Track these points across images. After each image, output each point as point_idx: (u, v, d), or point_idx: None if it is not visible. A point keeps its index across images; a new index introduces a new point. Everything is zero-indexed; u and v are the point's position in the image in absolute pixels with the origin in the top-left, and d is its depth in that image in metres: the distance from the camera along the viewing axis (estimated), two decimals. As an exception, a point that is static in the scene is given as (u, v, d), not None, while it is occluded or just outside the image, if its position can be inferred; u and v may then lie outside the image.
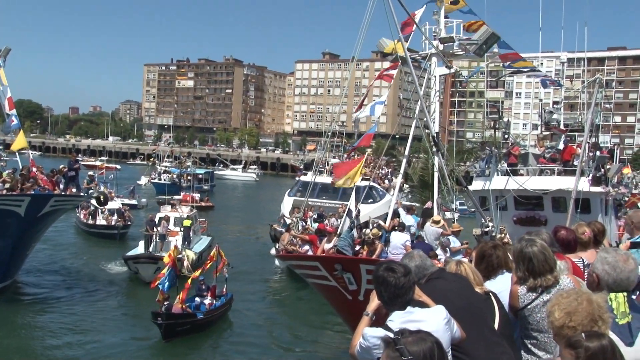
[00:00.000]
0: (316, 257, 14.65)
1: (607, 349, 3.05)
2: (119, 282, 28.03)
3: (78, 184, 26.02)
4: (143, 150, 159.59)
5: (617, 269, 4.02)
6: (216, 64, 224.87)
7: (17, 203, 21.86)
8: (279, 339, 21.84)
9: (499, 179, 23.50)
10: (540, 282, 4.41)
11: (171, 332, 19.68)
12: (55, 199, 23.43)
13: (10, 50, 28.06)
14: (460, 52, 18.95)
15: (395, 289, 3.66)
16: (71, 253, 34.54)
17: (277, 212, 44.06)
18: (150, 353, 19.64)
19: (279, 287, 30.25)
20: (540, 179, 23.12)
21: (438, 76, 18.77)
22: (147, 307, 21.22)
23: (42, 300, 24.46)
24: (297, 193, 36.70)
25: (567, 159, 23.69)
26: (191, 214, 34.32)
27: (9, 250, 23.42)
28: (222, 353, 20.34)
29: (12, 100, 24.93)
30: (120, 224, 39.13)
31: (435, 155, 17.05)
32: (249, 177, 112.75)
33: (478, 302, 4.29)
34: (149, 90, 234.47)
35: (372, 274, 3.83)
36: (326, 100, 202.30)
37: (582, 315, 3.33)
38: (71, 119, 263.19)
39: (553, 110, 27.80)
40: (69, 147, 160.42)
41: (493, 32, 17.65)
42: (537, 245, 4.52)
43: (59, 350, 19.23)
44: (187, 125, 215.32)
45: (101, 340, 20.17)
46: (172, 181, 70.55)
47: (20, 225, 22.61)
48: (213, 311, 21.70)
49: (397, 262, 4.03)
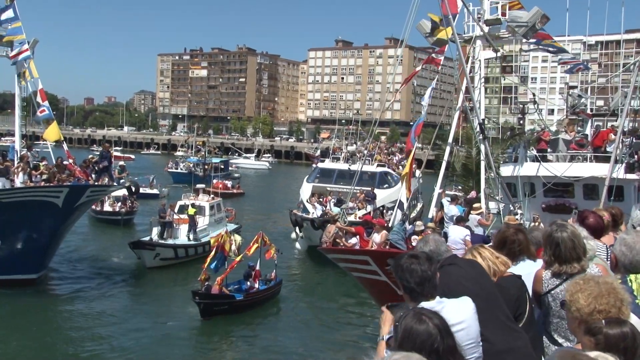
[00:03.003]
0: (367, 252, 14.01)
1: (627, 336, 2.97)
2: (138, 267, 28.83)
3: (111, 173, 26.32)
4: (158, 140, 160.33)
5: (634, 250, 3.97)
6: (229, 53, 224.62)
7: (56, 194, 22.14)
8: (311, 322, 22.50)
9: (529, 165, 23.20)
10: (565, 269, 4.34)
11: (209, 311, 20.82)
12: (92, 189, 23.72)
13: (38, 42, 28.30)
14: (506, 34, 18.30)
15: (422, 273, 3.55)
16: (85, 240, 35.27)
17: (291, 200, 45.19)
18: (190, 327, 20.84)
19: (302, 271, 31.00)
20: (571, 165, 22.58)
21: (483, 60, 18.18)
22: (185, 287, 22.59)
23: (75, 290, 24.82)
24: (316, 179, 37.78)
25: (599, 144, 23.27)
26: (213, 202, 34.64)
27: (47, 240, 23.78)
28: (256, 333, 21.00)
29: (44, 92, 25.14)
30: (123, 211, 40.06)
31: (482, 143, 16.38)
32: (262, 165, 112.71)
33: (492, 288, 4.20)
34: (163, 80, 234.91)
35: (392, 266, 3.70)
36: (340, 87, 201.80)
37: (611, 297, 3.25)
38: (86, 110, 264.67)
39: (581, 94, 27.43)
40: (84, 138, 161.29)
41: (544, 14, 17.09)
42: (568, 231, 4.44)
43: (109, 339, 19.57)
44: (202, 114, 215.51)
45: (142, 322, 21.22)
46: (189, 170, 70.72)
47: (58, 216, 22.94)
48: (253, 294, 22.54)
49: (418, 250, 3.96)
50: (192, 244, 30.58)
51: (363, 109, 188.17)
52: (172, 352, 18.75)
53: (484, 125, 16.37)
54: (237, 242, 22.18)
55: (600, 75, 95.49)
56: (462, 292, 3.79)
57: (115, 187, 28.21)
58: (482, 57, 18.20)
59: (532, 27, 17.28)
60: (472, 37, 18.09)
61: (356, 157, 41.90)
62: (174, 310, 22.63)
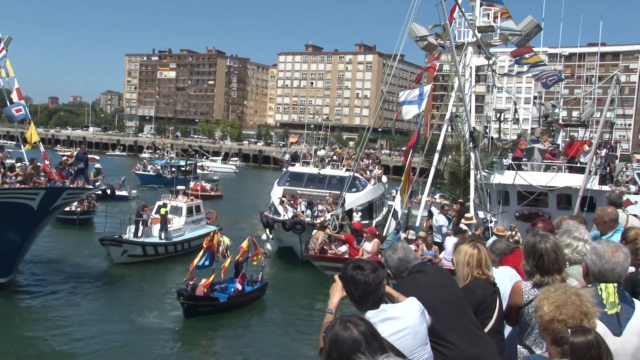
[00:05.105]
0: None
1: (592, 345, 3.02)
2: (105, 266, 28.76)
3: (87, 176, 25.90)
4: (124, 142, 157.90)
5: (603, 259, 3.96)
6: (198, 55, 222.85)
7: (32, 197, 21.64)
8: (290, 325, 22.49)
9: (504, 174, 23.14)
10: (547, 280, 4.32)
11: (192, 312, 21.01)
12: (68, 192, 23.27)
13: (12, 39, 27.74)
14: (498, 42, 18.26)
15: (365, 286, 3.52)
16: (43, 240, 33.63)
17: (257, 204, 45.40)
18: (174, 326, 20.91)
19: (272, 271, 30.93)
20: (548, 175, 22.87)
21: (474, 67, 18.10)
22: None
23: (46, 293, 24.12)
24: (286, 182, 38.32)
25: (572, 155, 23.83)
26: (191, 203, 35.07)
27: (19, 243, 23.22)
28: (239, 334, 21.25)
29: (20, 91, 24.62)
30: (78, 210, 39.58)
31: (471, 151, 16.43)
32: (229, 168, 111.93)
33: (460, 295, 4.27)
34: (130, 80, 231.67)
35: (340, 273, 3.70)
36: (309, 92, 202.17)
37: (572, 308, 3.32)
38: (51, 109, 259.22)
39: (555, 104, 27.92)
40: (48, 138, 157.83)
41: (538, 24, 17.11)
42: (550, 242, 4.46)
43: (85, 340, 19.28)
44: (169, 116, 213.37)
45: (125, 321, 21.21)
46: (156, 172, 71.89)
47: (32, 218, 22.44)
48: (238, 296, 22.69)
49: (365, 260, 3.92)
50: (162, 243, 31.04)
51: (332, 114, 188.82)
52: (149, 351, 18.58)
53: (474, 133, 16.44)
54: (226, 243, 22.21)
55: (565, 86, 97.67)
56: (430, 299, 3.85)
57: (91, 190, 27.81)
58: (474, 64, 18.18)
59: (524, 37, 17.37)
60: (464, 44, 18.04)
61: (325, 162, 42.71)
62: (150, 308, 22.55)
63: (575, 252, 5.13)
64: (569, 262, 4.95)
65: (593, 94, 29.95)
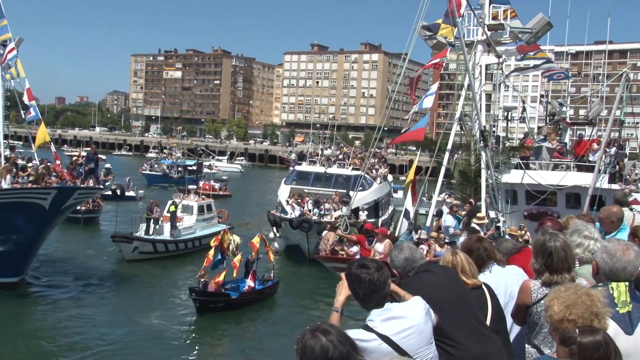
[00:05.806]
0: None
1: (601, 345, 2.99)
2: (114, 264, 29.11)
3: (97, 176, 26.08)
4: (130, 141, 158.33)
5: (614, 257, 3.96)
6: (204, 55, 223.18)
7: (43, 196, 21.81)
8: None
9: (512, 173, 23.01)
10: (556, 279, 4.30)
11: (205, 308, 21.36)
12: (79, 191, 23.45)
13: (23, 40, 27.93)
14: (508, 40, 18.01)
15: (370, 284, 3.56)
16: (50, 239, 34.65)
17: (263, 203, 45.76)
18: (184, 324, 21.16)
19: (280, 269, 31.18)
20: (555, 174, 22.72)
21: (484, 65, 17.95)
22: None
23: (57, 292, 24.41)
24: (293, 181, 38.81)
25: (581, 153, 23.66)
26: (203, 202, 35.58)
27: (30, 242, 23.37)
28: (249, 332, 21.56)
29: (31, 92, 24.78)
30: (83, 209, 39.44)
31: (483, 150, 16.31)
32: (234, 168, 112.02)
33: (466, 295, 4.25)
34: (137, 80, 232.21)
35: (345, 272, 3.72)
36: (315, 92, 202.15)
37: (582, 308, 3.30)
38: (57, 109, 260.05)
39: (563, 102, 27.78)
40: (55, 138, 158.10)
41: (548, 21, 16.81)
42: (560, 241, 4.45)
43: (97, 338, 19.47)
44: (175, 116, 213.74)
45: (137, 315, 21.60)
46: (163, 172, 72.27)
47: (44, 218, 22.58)
48: (249, 294, 22.98)
49: (369, 259, 3.95)
50: (172, 240, 31.55)
51: (338, 113, 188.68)
52: (160, 350, 18.73)
53: (485, 132, 16.34)
54: (236, 242, 22.42)
55: (572, 84, 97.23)
56: (436, 298, 3.86)
57: (101, 190, 28.04)
58: (483, 62, 18.04)
59: (535, 34, 17.22)
60: (473, 42, 17.85)
61: (331, 161, 43.19)
62: (160, 307, 22.75)
63: (587, 251, 5.11)
64: (581, 261, 4.97)
65: (600, 92, 29.77)
